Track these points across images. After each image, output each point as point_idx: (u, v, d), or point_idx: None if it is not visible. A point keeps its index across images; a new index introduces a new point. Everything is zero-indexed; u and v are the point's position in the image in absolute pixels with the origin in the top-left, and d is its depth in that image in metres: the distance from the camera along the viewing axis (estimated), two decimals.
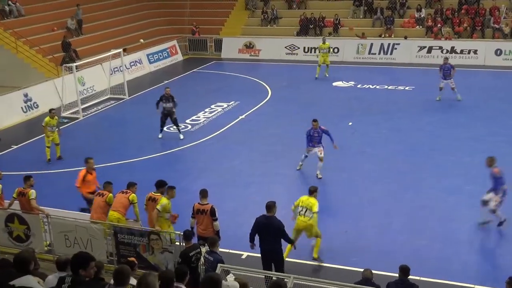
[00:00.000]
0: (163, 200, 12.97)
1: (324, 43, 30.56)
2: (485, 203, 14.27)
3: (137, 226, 13.40)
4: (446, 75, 25.06)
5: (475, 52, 32.26)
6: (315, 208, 12.97)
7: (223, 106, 25.80)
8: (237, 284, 9.47)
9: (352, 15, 37.01)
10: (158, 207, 12.86)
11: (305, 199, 13.21)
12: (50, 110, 20.38)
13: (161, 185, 13.50)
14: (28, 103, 25.80)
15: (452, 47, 32.73)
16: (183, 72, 33.35)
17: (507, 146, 19.79)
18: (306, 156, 18.31)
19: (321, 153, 17.82)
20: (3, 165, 18.42)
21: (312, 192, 13.23)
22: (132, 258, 10.76)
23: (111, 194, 13.77)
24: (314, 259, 13.27)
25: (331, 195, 16.79)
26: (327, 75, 30.27)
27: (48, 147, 19.96)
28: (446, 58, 26.03)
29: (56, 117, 20.24)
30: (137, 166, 19.30)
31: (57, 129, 20.10)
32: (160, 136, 21.97)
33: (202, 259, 11.22)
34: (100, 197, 13.80)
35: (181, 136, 21.86)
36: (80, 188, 15.26)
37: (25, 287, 2.67)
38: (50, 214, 13.67)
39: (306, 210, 13.02)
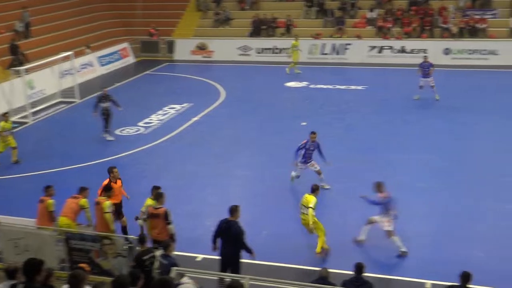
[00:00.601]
0: (148, 201, 12.78)
1: (296, 40, 31.45)
2: (370, 222, 13.96)
3: (90, 231, 13.17)
4: (425, 73, 25.37)
5: (425, 51, 32.73)
6: (310, 204, 13.33)
7: (176, 108, 25.61)
8: (192, 286, 9.40)
9: (304, 16, 37.24)
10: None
11: (305, 197, 13.65)
12: (4, 114, 19.94)
13: (107, 189, 13.32)
14: None
15: (402, 47, 33.30)
16: (135, 74, 33.01)
17: (455, 142, 20.28)
18: (298, 177, 17.08)
19: (315, 167, 16.98)
20: None
21: (314, 190, 13.65)
22: (84, 265, 10.59)
23: (50, 201, 13.49)
24: (317, 254, 13.36)
25: (284, 196, 16.80)
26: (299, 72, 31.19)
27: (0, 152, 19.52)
28: (425, 56, 26.43)
29: (10, 121, 19.82)
30: (89, 171, 18.95)
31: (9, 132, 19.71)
32: (110, 138, 21.70)
33: (156, 263, 11.09)
34: (41, 203, 13.53)
35: (110, 138, 21.86)
36: None
37: None
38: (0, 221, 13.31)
39: (303, 207, 13.53)
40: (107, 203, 13.04)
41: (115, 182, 14.34)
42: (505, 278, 12.20)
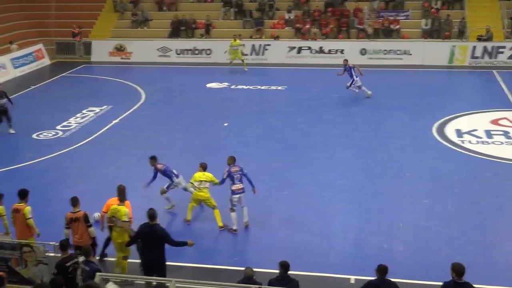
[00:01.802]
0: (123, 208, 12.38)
1: (235, 40, 32.12)
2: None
3: (8, 239, 12.72)
4: (357, 74, 26.01)
5: (342, 51, 33.57)
6: (216, 180, 14.85)
7: (95, 111, 25.11)
8: None
9: (223, 16, 37.32)
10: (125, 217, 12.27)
11: (201, 175, 14.85)
12: None
13: (24, 195, 12.92)
14: None
15: (320, 47, 33.92)
16: (51, 76, 32.14)
17: (373, 140, 20.83)
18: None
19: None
20: None
21: (205, 168, 15.12)
22: (1, 273, 10.26)
23: None
24: (220, 228, 14.60)
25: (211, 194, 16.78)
26: (246, 70, 31.97)
27: None
28: (345, 60, 26.97)
29: None
30: (4, 177, 18.28)
31: None
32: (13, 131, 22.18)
33: (79, 269, 10.84)
34: None
35: (12, 131, 22.23)
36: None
37: None
38: None
39: (200, 184, 14.76)
40: (28, 209, 12.64)
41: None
42: (421, 269, 12.65)
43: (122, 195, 12.67)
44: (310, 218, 15.28)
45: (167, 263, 11.74)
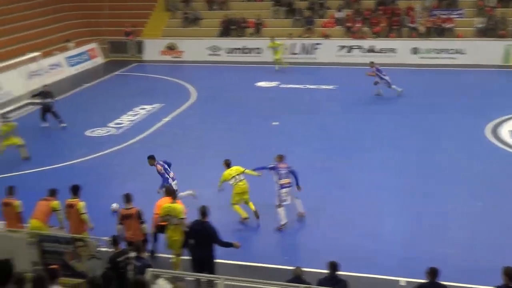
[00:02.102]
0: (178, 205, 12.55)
1: (273, 42, 32.03)
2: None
3: (62, 233, 13.04)
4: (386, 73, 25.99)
5: (393, 51, 33.19)
6: (245, 170, 15.33)
7: (146, 108, 25.47)
8: (168, 286, 9.37)
9: (273, 16, 37.33)
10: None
11: (229, 171, 15.22)
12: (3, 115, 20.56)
13: (77, 190, 13.21)
14: None
15: (371, 46, 33.59)
16: (105, 75, 32.74)
17: (426, 141, 20.49)
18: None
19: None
20: None
21: (229, 164, 15.52)
22: (54, 266, 10.50)
23: (17, 202, 13.32)
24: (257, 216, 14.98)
25: (259, 194, 16.81)
26: (278, 69, 31.80)
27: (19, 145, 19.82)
28: (372, 62, 26.72)
29: (9, 123, 20.13)
30: (60, 172, 18.74)
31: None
32: (45, 125, 23.37)
33: (131, 264, 11.03)
34: (8, 206, 13.34)
35: (63, 125, 23.16)
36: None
37: None
38: None
39: (237, 177, 15.09)
40: (82, 204, 12.94)
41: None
42: (473, 273, 12.42)
43: (173, 194, 12.80)
44: (360, 218, 15.16)
45: (218, 260, 11.84)
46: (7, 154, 20.32)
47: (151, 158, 15.60)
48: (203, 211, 11.72)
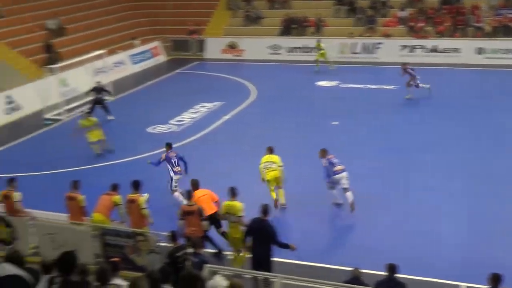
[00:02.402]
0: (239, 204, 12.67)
1: (319, 44, 31.84)
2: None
3: (123, 227, 13.34)
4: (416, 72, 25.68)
5: (457, 51, 32.51)
6: (279, 162, 15.89)
7: (207, 106, 25.76)
8: (224, 283, 9.45)
9: (334, 14, 37.11)
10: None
11: (267, 157, 16.03)
12: (84, 113, 21.55)
13: (138, 186, 13.47)
14: (11, 105, 25.60)
15: (434, 46, 32.98)
16: (167, 72, 33.26)
17: (490, 143, 20.03)
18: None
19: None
20: None
21: (272, 150, 16.32)
22: (115, 259, 10.74)
23: (81, 197, 13.69)
24: (283, 205, 15.75)
25: (318, 194, 16.79)
26: (318, 70, 31.36)
27: (92, 142, 20.31)
28: (404, 63, 26.49)
29: (90, 118, 20.78)
30: (120, 168, 19.16)
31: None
32: (111, 117, 24.23)
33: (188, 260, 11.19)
34: (72, 200, 13.73)
35: (110, 118, 24.28)
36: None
37: (9, 275, 2.63)
38: (35, 217, 13.58)
39: (269, 164, 15.86)
40: (143, 199, 13.22)
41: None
42: None
43: (233, 192, 12.90)
44: (419, 221, 14.95)
45: (275, 259, 11.88)
46: (74, 149, 20.92)
47: (167, 145, 17.02)
48: (264, 209, 11.81)
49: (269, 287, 10.47)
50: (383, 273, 10.41)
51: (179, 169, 16.42)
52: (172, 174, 16.35)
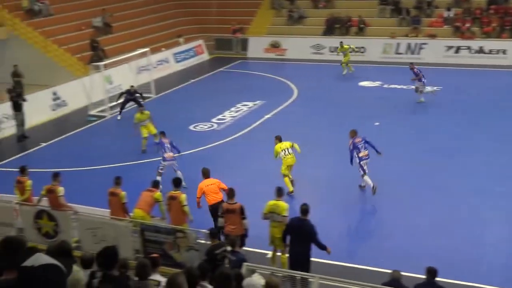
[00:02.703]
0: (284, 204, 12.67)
1: (342, 46, 31.08)
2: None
3: (163, 224, 13.49)
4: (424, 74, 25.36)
5: (504, 52, 31.87)
6: (291, 143, 16.98)
7: (248, 105, 25.83)
8: (261, 281, 9.46)
9: (378, 14, 36.79)
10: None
11: (280, 145, 16.94)
12: (140, 106, 21.86)
13: (179, 183, 13.58)
14: (57, 101, 26.14)
15: (480, 47, 32.40)
16: (209, 71, 33.46)
17: None
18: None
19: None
20: (32, 162, 18.69)
21: (280, 139, 17.28)
22: (155, 254, 10.85)
23: (123, 193, 13.85)
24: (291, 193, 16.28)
25: (357, 195, 16.71)
26: (344, 74, 30.81)
27: (144, 138, 20.67)
28: (411, 63, 26.04)
29: (145, 112, 21.08)
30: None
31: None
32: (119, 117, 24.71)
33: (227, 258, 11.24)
34: (114, 196, 13.93)
35: (119, 117, 24.96)
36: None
37: (44, 264, 2.70)
38: (78, 211, 13.85)
39: (287, 150, 16.73)
40: (184, 196, 13.34)
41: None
42: None
43: (279, 192, 12.90)
44: (460, 224, 14.74)
45: (313, 259, 11.85)
46: (117, 146, 21.24)
47: (161, 133, 18.24)
48: (305, 209, 11.81)
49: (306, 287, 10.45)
50: (422, 276, 10.29)
51: (170, 155, 17.41)
52: (162, 159, 17.46)
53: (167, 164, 17.26)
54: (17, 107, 22.62)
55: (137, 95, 24.90)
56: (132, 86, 25.33)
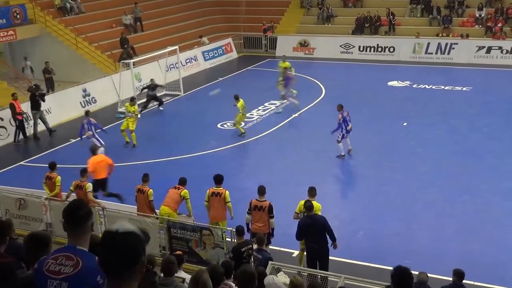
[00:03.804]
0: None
1: (284, 61, 27.21)
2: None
3: (190, 221, 13.56)
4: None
5: None
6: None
7: (276, 104, 25.81)
8: (285, 280, 9.47)
9: (409, 14, 36.49)
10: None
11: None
12: (132, 99, 22.67)
13: (221, 179, 13.56)
14: (87, 98, 26.43)
15: None
16: (238, 69, 33.50)
17: None
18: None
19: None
20: (61, 158, 18.93)
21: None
22: (179, 252, 10.93)
23: (150, 190, 13.92)
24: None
25: (384, 196, 16.61)
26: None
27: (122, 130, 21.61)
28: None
29: (135, 106, 21.96)
30: (188, 163, 19.46)
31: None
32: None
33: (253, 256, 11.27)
34: (142, 194, 14.01)
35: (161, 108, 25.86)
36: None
37: (127, 231, 2.96)
38: (105, 207, 14.00)
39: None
40: (228, 193, 13.30)
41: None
42: None
43: (312, 192, 12.87)
44: (489, 227, 14.57)
45: (338, 258, 11.84)
46: (144, 143, 21.40)
47: (86, 112, 20.80)
48: (309, 206, 11.90)
49: (326, 286, 10.41)
50: (449, 278, 10.20)
51: (89, 133, 19.61)
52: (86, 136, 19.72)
53: (91, 140, 19.32)
54: (37, 106, 22.83)
55: (158, 87, 25.99)
56: (152, 80, 25.95)
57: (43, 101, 23.09)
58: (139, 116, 21.90)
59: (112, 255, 3.13)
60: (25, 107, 22.94)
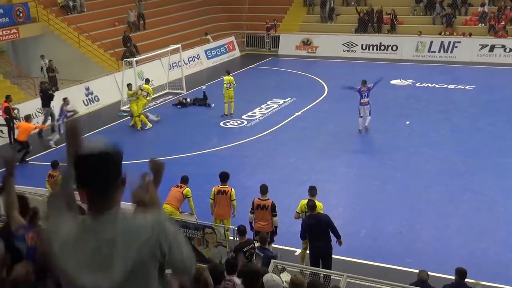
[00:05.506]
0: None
1: (228, 75, 24.85)
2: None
3: (192, 219, 13.56)
4: None
5: None
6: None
7: (279, 102, 25.80)
8: (286, 278, 9.47)
9: (412, 12, 36.43)
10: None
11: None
12: (128, 85, 23.84)
13: (227, 177, 13.53)
14: (89, 96, 26.43)
15: None
16: (240, 68, 33.47)
17: None
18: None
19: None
20: (64, 156, 18.88)
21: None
22: None
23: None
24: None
25: (387, 195, 16.60)
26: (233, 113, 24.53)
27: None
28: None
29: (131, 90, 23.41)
30: (191, 161, 19.46)
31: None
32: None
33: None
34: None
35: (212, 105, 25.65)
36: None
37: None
38: None
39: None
40: (234, 191, 13.31)
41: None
42: None
43: (313, 191, 12.85)
44: (492, 226, 14.54)
45: (340, 257, 11.83)
46: (147, 141, 21.42)
47: (64, 99, 22.01)
48: (311, 205, 11.88)
49: (328, 285, 10.41)
50: (451, 277, 10.18)
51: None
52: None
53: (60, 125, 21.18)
54: (48, 103, 22.83)
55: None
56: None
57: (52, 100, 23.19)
58: (151, 97, 24.03)
59: (98, 178, 3.21)
60: (33, 104, 23.36)
